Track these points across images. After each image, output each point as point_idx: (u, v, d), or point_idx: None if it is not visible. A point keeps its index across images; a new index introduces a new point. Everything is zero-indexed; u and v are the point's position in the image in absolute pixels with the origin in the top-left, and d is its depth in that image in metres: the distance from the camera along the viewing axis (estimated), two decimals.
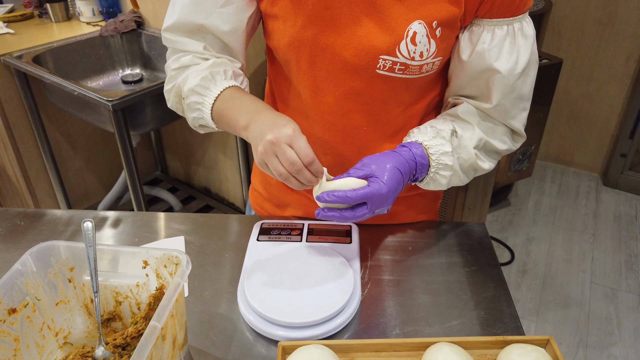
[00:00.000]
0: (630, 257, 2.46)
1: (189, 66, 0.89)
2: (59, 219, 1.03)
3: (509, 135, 0.90)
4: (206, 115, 0.87)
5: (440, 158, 0.82)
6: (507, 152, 0.91)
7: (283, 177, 0.74)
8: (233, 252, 0.95)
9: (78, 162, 2.36)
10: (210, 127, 0.90)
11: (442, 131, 0.83)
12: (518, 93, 0.84)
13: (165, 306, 0.63)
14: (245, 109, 0.82)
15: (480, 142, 0.86)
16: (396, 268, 0.92)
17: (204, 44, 0.88)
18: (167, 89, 0.93)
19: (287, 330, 0.76)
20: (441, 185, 0.86)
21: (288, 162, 0.72)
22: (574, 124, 3.00)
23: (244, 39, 0.91)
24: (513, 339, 0.74)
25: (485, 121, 0.87)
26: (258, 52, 2.00)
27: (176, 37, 0.88)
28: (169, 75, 0.91)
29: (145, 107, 1.83)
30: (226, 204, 2.50)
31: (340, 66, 0.82)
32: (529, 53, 0.81)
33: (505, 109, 0.85)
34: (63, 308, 0.74)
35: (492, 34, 0.80)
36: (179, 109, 0.94)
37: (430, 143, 0.82)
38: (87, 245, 0.70)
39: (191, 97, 0.87)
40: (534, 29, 0.83)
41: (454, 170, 0.84)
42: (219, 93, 0.85)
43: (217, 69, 0.87)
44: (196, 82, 0.85)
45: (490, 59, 0.80)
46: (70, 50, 2.02)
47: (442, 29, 0.78)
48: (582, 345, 2.01)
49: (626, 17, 2.61)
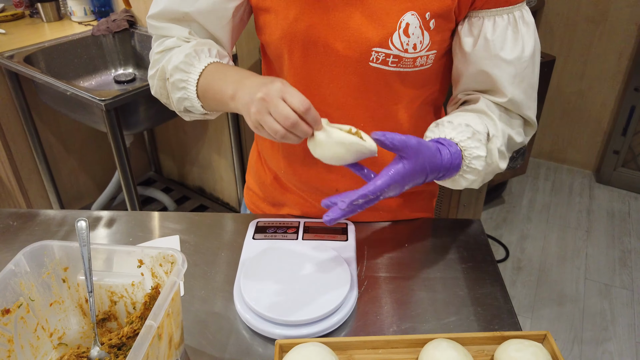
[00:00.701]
0: (624, 253, 2.47)
1: (172, 48, 0.87)
2: (52, 219, 1.02)
3: (523, 127, 0.88)
4: (191, 93, 0.84)
5: (472, 162, 0.78)
6: (521, 145, 0.88)
7: (280, 134, 0.70)
8: (229, 250, 0.95)
9: (71, 163, 2.34)
10: (196, 109, 0.86)
11: (478, 133, 0.78)
12: (529, 82, 0.82)
13: (162, 305, 0.62)
14: (231, 78, 0.78)
15: (504, 138, 0.83)
16: (392, 265, 0.92)
17: (189, 30, 0.87)
18: (151, 74, 0.90)
19: (284, 328, 0.76)
20: (460, 186, 0.83)
21: (282, 116, 0.68)
22: (567, 121, 3.01)
23: (231, 30, 0.89)
24: (510, 335, 0.74)
25: (503, 114, 0.84)
26: (252, 51, 1.99)
27: (161, 23, 0.87)
28: (153, 59, 0.89)
29: (138, 106, 1.82)
30: (221, 203, 2.49)
31: (334, 59, 0.81)
32: (533, 40, 0.80)
33: (520, 100, 0.83)
34: (57, 308, 0.74)
35: (493, 23, 0.78)
36: (164, 94, 0.90)
37: (466, 144, 0.78)
38: (81, 244, 0.69)
39: (175, 74, 0.84)
40: (532, 17, 0.82)
41: (480, 175, 0.80)
42: (203, 68, 0.82)
43: (201, 47, 0.84)
44: (180, 60, 0.83)
45: (496, 49, 0.79)
46: (62, 50, 2.00)
47: (435, 20, 0.77)
48: (577, 341, 2.02)
49: (618, 14, 2.62)
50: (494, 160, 0.81)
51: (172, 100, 0.87)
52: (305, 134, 0.71)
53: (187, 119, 0.91)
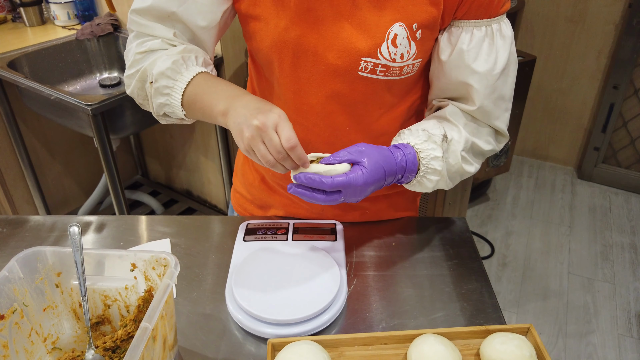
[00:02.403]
0: (605, 248, 2.53)
1: (156, 50, 0.85)
2: (42, 225, 1.03)
3: (493, 135, 0.91)
4: (175, 100, 0.83)
5: (430, 163, 0.83)
6: (491, 152, 0.92)
7: (270, 164, 0.73)
8: (219, 253, 0.96)
9: (57, 168, 2.32)
10: (175, 115, 0.86)
11: (434, 135, 0.83)
12: (499, 93, 0.85)
13: (156, 307, 0.63)
14: (222, 93, 0.79)
15: (467, 143, 0.87)
16: (381, 264, 0.94)
17: (174, 31, 0.85)
18: (129, 74, 0.87)
19: (275, 327, 0.78)
20: (427, 188, 0.87)
21: (275, 149, 0.71)
22: (549, 119, 3.07)
23: (216, 34, 0.89)
24: (495, 328, 0.76)
25: (470, 122, 0.88)
26: (237, 54, 2.00)
27: (145, 20, 0.85)
28: (133, 59, 0.86)
29: (124, 110, 1.82)
30: (209, 206, 2.49)
31: (323, 68, 0.83)
32: (507, 53, 0.83)
33: (488, 110, 0.86)
34: (51, 313, 0.74)
35: (470, 35, 0.81)
36: (141, 95, 0.88)
37: (422, 147, 0.82)
38: (74, 249, 0.70)
39: (161, 80, 0.83)
40: (512, 31, 0.85)
41: (442, 175, 0.84)
42: (192, 77, 0.82)
43: (188, 55, 0.84)
44: (167, 66, 0.82)
45: (469, 60, 0.82)
46: (46, 54, 1.99)
47: (422, 31, 0.80)
48: (562, 335, 2.07)
49: (596, 14, 2.68)
50: (457, 162, 0.86)
51: (152, 103, 0.87)
52: (292, 168, 0.75)
53: (163, 122, 0.91)
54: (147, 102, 0.89)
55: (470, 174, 0.90)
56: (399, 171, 0.81)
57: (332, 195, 0.76)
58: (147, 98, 0.88)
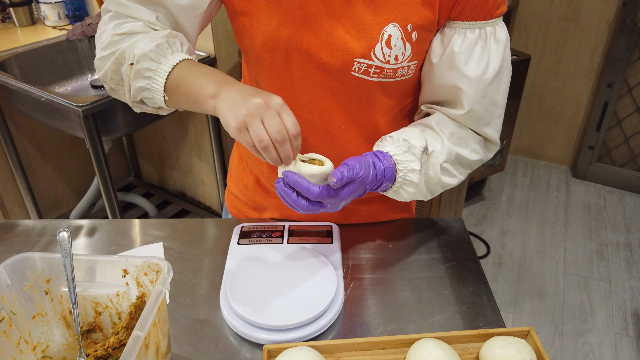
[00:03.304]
0: (601, 246, 2.53)
1: (137, 33, 0.80)
2: (32, 229, 1.00)
3: (481, 144, 0.89)
4: (157, 84, 0.78)
5: (407, 174, 0.81)
6: (479, 162, 0.90)
7: (264, 144, 0.68)
8: (213, 257, 0.94)
9: (48, 170, 2.30)
10: (153, 102, 0.81)
11: (413, 147, 0.81)
12: (491, 99, 0.83)
13: (148, 315, 0.61)
14: (214, 78, 0.75)
15: (450, 155, 0.84)
16: (378, 266, 0.93)
17: (157, 15, 0.81)
18: (103, 55, 0.81)
19: (271, 333, 0.76)
20: (403, 198, 0.85)
21: (275, 129, 0.68)
22: (543, 118, 3.07)
23: (199, 24, 0.86)
24: (495, 332, 0.75)
25: (457, 131, 0.86)
26: (231, 53, 1.98)
27: (127, 1, 0.80)
28: (109, 40, 0.80)
29: (116, 112, 1.80)
30: (203, 207, 2.47)
31: (316, 67, 0.81)
32: (500, 58, 0.81)
33: (478, 115, 0.84)
34: (40, 321, 0.72)
35: (463, 37, 0.79)
36: (114, 79, 0.82)
37: (400, 158, 0.81)
38: (64, 255, 0.68)
39: (143, 62, 0.77)
40: (507, 35, 0.82)
41: (419, 188, 0.83)
42: (178, 62, 0.78)
43: (173, 40, 0.80)
44: (150, 48, 0.77)
45: (460, 62, 0.80)
46: (36, 55, 1.96)
47: (418, 32, 0.78)
48: (558, 334, 2.06)
49: (590, 12, 2.69)
50: (436, 175, 0.84)
51: (129, 87, 0.80)
52: (287, 156, 0.71)
53: (137, 110, 0.85)
54: (120, 86, 0.82)
55: (452, 186, 0.88)
56: (378, 182, 0.80)
57: (315, 205, 0.74)
58: (121, 82, 0.82)
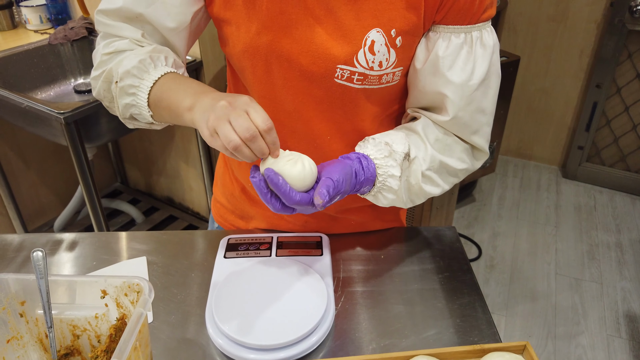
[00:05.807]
0: (592, 247, 2.53)
1: (124, 51, 0.81)
2: (9, 244, 0.96)
3: (468, 153, 0.86)
4: (141, 100, 0.78)
5: (387, 180, 0.78)
6: (466, 172, 0.87)
7: (233, 145, 0.65)
8: (199, 271, 0.91)
9: (31, 177, 2.24)
10: (142, 117, 0.80)
11: (395, 153, 0.78)
12: (477, 106, 0.80)
13: (128, 340, 0.58)
14: (190, 90, 0.74)
15: (433, 162, 0.82)
16: (369, 278, 0.90)
17: (142, 32, 0.81)
18: (95, 75, 0.83)
19: (259, 353, 0.73)
20: (382, 203, 0.82)
21: (243, 127, 0.64)
22: (533, 118, 3.07)
23: (187, 36, 0.84)
24: (490, 347, 0.73)
25: (443, 138, 0.83)
26: (217, 58, 1.95)
27: (111, 21, 0.81)
28: (100, 60, 0.82)
29: (100, 118, 1.75)
30: (191, 213, 2.43)
31: (298, 74, 0.78)
32: (487, 64, 0.78)
33: (464, 122, 0.81)
34: (15, 345, 0.69)
35: (447, 42, 0.76)
36: (107, 97, 0.83)
37: (381, 162, 0.78)
38: (38, 277, 0.65)
39: (126, 79, 0.78)
40: (496, 40, 0.79)
41: (398, 195, 0.80)
42: (159, 77, 0.77)
43: (158, 55, 0.80)
44: (133, 64, 0.77)
45: (444, 68, 0.77)
46: (17, 60, 1.91)
47: (402, 37, 0.75)
48: (551, 337, 2.05)
49: (578, 13, 2.68)
50: (417, 182, 0.81)
51: (118, 105, 0.81)
52: (261, 152, 0.67)
53: (130, 126, 0.85)
54: (113, 104, 0.84)
55: (435, 195, 0.85)
56: (359, 181, 0.77)
57: (288, 209, 0.72)
58: (113, 100, 0.83)
